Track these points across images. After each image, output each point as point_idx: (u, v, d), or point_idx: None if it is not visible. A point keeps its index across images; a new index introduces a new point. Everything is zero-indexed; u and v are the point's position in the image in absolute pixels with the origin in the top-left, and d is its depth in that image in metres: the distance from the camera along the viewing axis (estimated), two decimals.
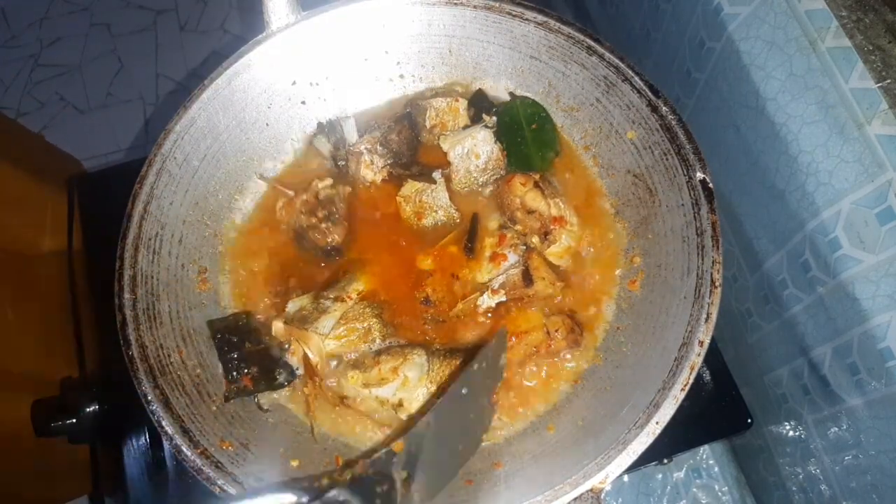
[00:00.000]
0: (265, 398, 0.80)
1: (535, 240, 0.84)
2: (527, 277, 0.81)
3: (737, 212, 0.97)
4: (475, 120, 0.91)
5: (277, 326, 0.80)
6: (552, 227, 0.83)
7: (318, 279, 0.86)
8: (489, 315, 0.82)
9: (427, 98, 0.92)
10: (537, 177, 0.85)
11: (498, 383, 0.71)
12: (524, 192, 0.84)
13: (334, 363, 0.78)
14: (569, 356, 0.81)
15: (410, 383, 0.76)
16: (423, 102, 0.91)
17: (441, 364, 0.77)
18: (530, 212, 0.83)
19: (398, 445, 0.57)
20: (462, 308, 0.81)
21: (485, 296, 0.81)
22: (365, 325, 0.80)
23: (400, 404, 0.76)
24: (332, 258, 0.86)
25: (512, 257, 0.82)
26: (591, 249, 0.86)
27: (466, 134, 0.87)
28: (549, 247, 0.83)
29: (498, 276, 0.82)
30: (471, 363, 0.64)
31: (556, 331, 0.79)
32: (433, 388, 0.76)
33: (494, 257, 0.83)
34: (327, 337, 0.78)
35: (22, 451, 1.13)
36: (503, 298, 0.81)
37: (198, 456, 0.68)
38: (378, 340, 0.80)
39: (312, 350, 0.77)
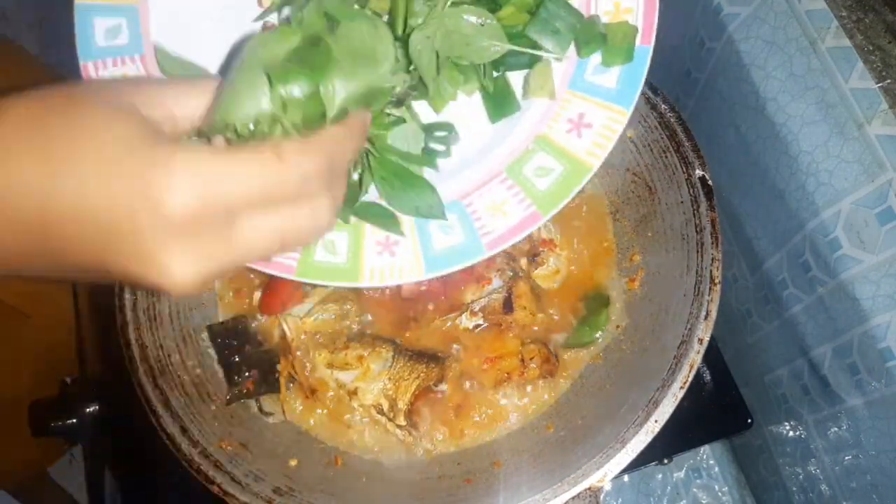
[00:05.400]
0: (268, 402, 0.80)
1: (524, 261, 0.84)
2: (507, 304, 0.81)
3: (737, 212, 0.97)
4: None
5: (258, 297, 0.82)
6: (541, 249, 0.84)
7: None
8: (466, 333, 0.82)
9: None
10: None
11: None
12: None
13: (303, 337, 0.81)
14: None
15: (371, 375, 0.78)
16: None
17: (404, 364, 0.78)
18: None
19: None
20: (439, 325, 0.82)
21: (463, 316, 0.81)
22: (345, 307, 0.81)
23: (355, 392, 0.78)
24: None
25: (496, 282, 0.83)
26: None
27: None
28: (536, 269, 0.84)
29: (480, 298, 0.82)
30: None
31: (532, 359, 0.79)
32: (390, 385, 0.77)
33: (480, 279, 0.83)
34: (302, 319, 0.80)
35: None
36: (481, 322, 0.81)
37: (197, 455, 0.68)
38: (355, 327, 0.82)
39: (289, 326, 0.79)
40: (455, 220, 0.53)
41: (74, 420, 0.92)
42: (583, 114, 0.52)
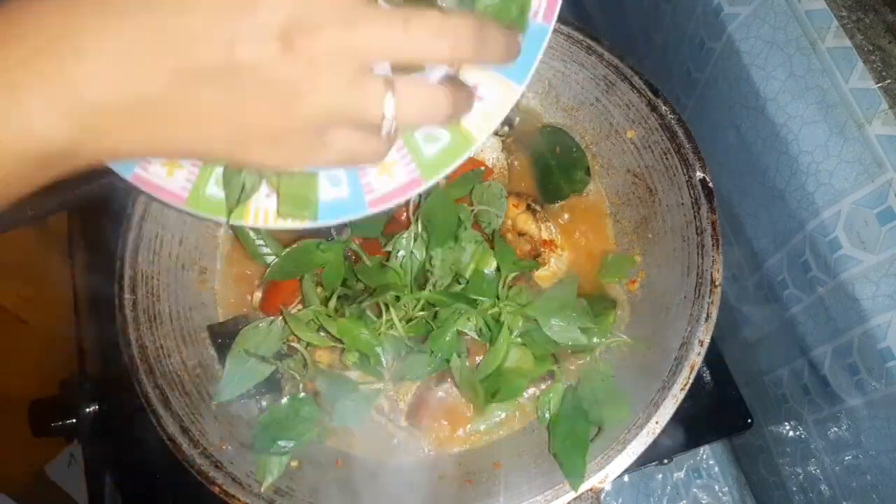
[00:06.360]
0: (267, 401, 0.80)
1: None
2: None
3: (737, 212, 0.97)
4: None
5: (258, 297, 0.83)
6: (542, 250, 0.83)
7: None
8: None
9: None
10: (530, 199, 0.85)
11: None
12: (516, 213, 0.84)
13: None
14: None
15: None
16: None
17: None
18: (521, 234, 0.83)
19: None
20: None
21: None
22: None
23: None
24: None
25: None
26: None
27: None
28: (537, 269, 0.83)
29: None
30: None
31: None
32: (391, 386, 0.77)
33: None
34: None
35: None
36: None
37: (198, 455, 0.68)
38: None
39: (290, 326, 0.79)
40: (343, 174, 0.53)
41: (74, 420, 0.92)
42: (477, 85, 0.52)
